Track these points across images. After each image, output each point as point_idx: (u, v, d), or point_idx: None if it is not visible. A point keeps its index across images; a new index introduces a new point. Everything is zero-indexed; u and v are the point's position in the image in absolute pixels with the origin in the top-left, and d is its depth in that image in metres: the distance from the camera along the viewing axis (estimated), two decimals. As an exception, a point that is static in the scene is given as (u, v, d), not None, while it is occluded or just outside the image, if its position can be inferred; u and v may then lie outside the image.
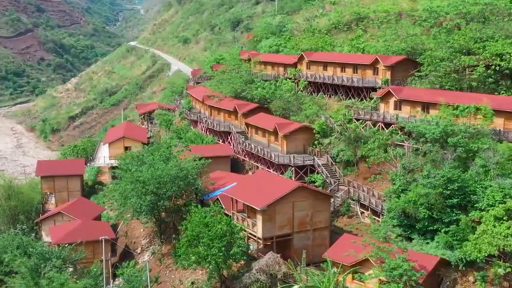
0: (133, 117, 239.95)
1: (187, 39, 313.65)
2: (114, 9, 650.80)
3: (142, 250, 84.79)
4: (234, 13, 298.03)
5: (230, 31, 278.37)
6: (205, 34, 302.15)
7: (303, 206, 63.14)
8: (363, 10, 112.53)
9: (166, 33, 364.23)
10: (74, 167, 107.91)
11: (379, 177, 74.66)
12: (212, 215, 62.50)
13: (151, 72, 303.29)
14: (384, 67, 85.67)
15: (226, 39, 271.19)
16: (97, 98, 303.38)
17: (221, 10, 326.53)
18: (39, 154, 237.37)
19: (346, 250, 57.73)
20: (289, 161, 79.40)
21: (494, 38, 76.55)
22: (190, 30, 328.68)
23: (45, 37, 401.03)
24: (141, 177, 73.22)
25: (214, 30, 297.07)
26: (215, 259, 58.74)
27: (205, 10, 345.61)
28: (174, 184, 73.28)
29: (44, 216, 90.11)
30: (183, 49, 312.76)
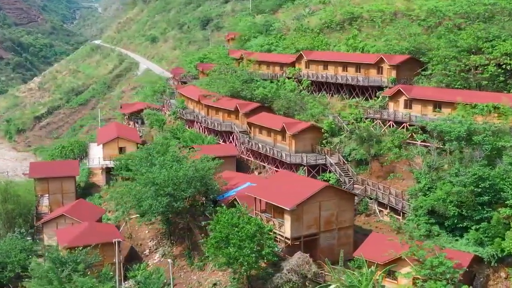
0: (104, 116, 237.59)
1: (155, 37, 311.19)
2: (70, 7, 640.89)
3: (151, 252, 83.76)
4: (203, 12, 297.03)
5: (199, 29, 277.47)
6: (173, 32, 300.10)
7: (329, 206, 63.36)
8: (356, 9, 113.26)
9: (132, 32, 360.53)
10: (68, 168, 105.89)
11: (393, 176, 75.28)
12: (239, 216, 62.24)
13: (119, 71, 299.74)
14: (389, 66, 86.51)
15: (196, 38, 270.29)
16: (63, 97, 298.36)
17: (188, 9, 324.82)
18: (4, 155, 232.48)
19: (376, 249, 58.26)
20: (301, 160, 79.45)
21: (501, 37, 78.02)
22: (157, 29, 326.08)
23: (3, 36, 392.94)
24: (157, 179, 72.33)
25: (183, 28, 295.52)
26: (248, 260, 58.45)
27: (172, 9, 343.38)
28: (190, 185, 72.63)
29: (46, 218, 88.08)
30: (151, 48, 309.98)
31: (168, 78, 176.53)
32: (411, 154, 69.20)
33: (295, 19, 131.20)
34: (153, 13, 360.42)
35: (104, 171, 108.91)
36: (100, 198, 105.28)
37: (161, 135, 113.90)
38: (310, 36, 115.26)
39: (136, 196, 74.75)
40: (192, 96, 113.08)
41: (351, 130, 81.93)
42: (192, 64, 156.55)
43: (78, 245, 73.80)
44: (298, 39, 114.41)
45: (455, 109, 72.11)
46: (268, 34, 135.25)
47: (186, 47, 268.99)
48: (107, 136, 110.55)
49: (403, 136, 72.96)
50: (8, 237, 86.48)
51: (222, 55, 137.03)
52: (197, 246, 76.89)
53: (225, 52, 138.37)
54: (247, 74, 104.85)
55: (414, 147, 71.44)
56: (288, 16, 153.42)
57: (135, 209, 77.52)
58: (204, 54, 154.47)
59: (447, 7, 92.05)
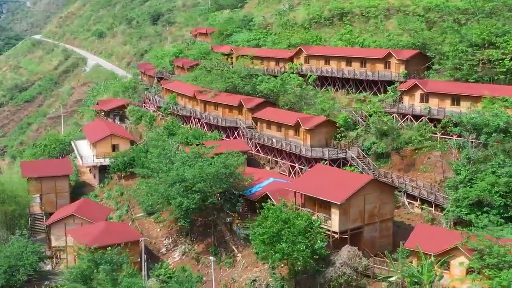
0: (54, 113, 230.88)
1: (102, 32, 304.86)
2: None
3: (168, 250, 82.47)
4: (152, 6, 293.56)
5: (150, 25, 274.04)
6: (122, 27, 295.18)
7: (372, 199, 64.10)
8: (346, 5, 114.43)
9: (75, 27, 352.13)
10: (61, 167, 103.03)
11: (424, 169, 76.14)
12: (286, 212, 62.26)
13: (65, 67, 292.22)
14: (398, 61, 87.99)
15: (147, 33, 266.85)
16: (6, 94, 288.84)
17: (135, 3, 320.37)
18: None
19: (425, 240, 59.27)
20: (322, 154, 79.93)
21: (511, 32, 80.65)
22: (103, 24, 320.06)
23: None
24: (187, 176, 71.44)
25: (132, 23, 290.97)
26: (303, 255, 58.52)
27: (117, 3, 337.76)
28: (221, 182, 72.11)
29: (54, 219, 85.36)
30: (98, 43, 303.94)
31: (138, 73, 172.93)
32: (445, 147, 70.68)
33: (278, 14, 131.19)
34: (97, 7, 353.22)
35: (97, 170, 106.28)
36: (96, 197, 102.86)
37: (151, 132, 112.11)
38: (300, 31, 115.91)
39: (163, 194, 73.36)
40: (185, 92, 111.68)
41: (367, 124, 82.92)
42: (163, 59, 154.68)
43: (101, 244, 72.10)
44: (291, 34, 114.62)
45: (477, 103, 74.03)
46: (249, 29, 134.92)
47: (137, 43, 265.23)
48: (99, 134, 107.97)
49: (432, 129, 74.36)
50: (15, 239, 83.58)
51: (203, 50, 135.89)
52: (223, 242, 76.39)
53: (206, 47, 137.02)
54: (246, 70, 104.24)
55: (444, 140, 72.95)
56: (261, 11, 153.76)
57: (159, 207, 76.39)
58: (180, 49, 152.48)
59: (449, 3, 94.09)
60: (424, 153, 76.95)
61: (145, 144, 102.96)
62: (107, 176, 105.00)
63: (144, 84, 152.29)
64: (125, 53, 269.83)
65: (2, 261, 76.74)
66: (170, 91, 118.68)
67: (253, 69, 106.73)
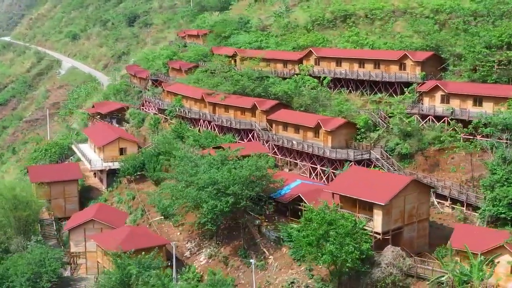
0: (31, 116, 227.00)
1: (76, 34, 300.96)
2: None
3: (192, 254, 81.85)
4: (127, 8, 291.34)
5: (126, 26, 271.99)
6: (96, 29, 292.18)
7: (411, 199, 64.78)
8: (349, 7, 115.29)
9: (47, 28, 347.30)
10: (70, 171, 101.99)
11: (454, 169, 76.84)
12: (329, 213, 62.58)
13: (39, 69, 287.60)
14: (413, 62, 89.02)
15: (123, 34, 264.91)
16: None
17: (109, 5, 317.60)
18: None
19: (466, 239, 60.13)
20: (347, 155, 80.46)
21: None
22: (76, 25, 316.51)
23: None
24: (220, 179, 71.21)
25: (107, 25, 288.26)
26: (352, 256, 58.90)
27: (90, 5, 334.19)
28: (254, 184, 72.10)
29: (72, 224, 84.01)
30: (72, 45, 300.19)
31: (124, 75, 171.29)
32: (470, 147, 71.93)
33: (277, 16, 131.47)
34: (69, 9, 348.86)
35: (105, 174, 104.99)
36: (105, 201, 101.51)
37: (157, 135, 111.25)
38: (303, 32, 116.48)
39: (195, 198, 72.88)
40: (192, 94, 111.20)
41: (388, 125, 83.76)
42: (155, 61, 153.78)
43: (130, 249, 71.42)
44: (297, 36, 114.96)
45: (500, 103, 75.47)
46: (246, 31, 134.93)
47: (113, 45, 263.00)
48: (106, 137, 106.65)
49: (464, 130, 75.43)
50: (34, 246, 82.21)
51: (200, 52, 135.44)
52: (252, 245, 76.19)
53: (203, 49, 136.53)
54: (257, 72, 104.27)
55: (475, 140, 74.09)
56: (254, 13, 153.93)
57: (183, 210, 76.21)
58: (173, 51, 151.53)
59: (460, 5, 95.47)
60: (452, 153, 77.91)
61: (155, 147, 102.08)
62: (116, 180, 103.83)
63: (137, 87, 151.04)
64: (101, 55, 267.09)
65: (25, 268, 75.43)
66: (173, 94, 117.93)
67: (261, 71, 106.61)
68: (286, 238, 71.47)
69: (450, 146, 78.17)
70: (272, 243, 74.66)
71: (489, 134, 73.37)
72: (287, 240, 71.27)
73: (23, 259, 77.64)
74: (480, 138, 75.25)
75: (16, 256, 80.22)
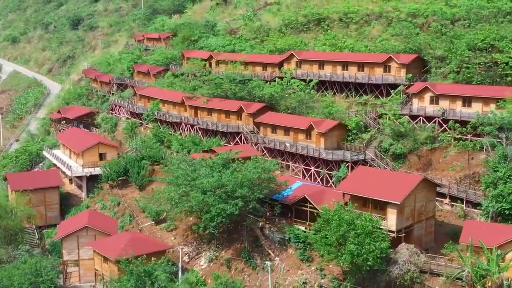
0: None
1: (16, 38, 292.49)
2: None
3: (190, 258, 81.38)
4: (71, 11, 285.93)
5: (69, 29, 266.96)
6: (38, 32, 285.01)
7: (421, 197, 66.63)
8: (322, 10, 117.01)
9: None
10: (51, 178, 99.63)
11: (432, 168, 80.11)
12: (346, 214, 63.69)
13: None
14: (399, 65, 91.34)
15: (68, 38, 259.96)
16: None
17: (50, 8, 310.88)
18: None
19: (478, 235, 62.38)
20: (343, 156, 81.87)
21: (507, 37, 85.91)
22: (15, 28, 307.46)
23: None
24: (227, 182, 71.32)
25: (49, 28, 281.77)
26: (373, 255, 60.19)
27: (28, 7, 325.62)
28: (261, 187, 72.58)
29: (66, 232, 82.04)
30: (12, 49, 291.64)
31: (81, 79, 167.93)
32: (476, 145, 74.58)
33: (246, 19, 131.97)
34: (5, 11, 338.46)
35: (85, 180, 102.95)
36: (87, 208, 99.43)
37: (135, 140, 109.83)
38: (276, 36, 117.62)
39: (201, 202, 72.61)
40: (170, 98, 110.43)
41: (379, 126, 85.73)
42: (115, 65, 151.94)
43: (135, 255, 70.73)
44: (276, 39, 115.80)
45: (487, 104, 78.53)
46: (214, 34, 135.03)
47: (57, 48, 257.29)
48: (85, 143, 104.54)
49: (463, 130, 77.86)
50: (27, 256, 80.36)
51: (169, 55, 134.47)
52: (255, 247, 76.36)
53: (171, 52, 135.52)
54: (240, 75, 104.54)
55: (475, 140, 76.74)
56: (217, 16, 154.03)
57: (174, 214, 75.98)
58: (138, 55, 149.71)
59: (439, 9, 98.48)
60: (439, 153, 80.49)
61: (138, 152, 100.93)
62: (97, 186, 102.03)
63: (99, 91, 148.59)
64: (44, 59, 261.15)
65: (22, 278, 73.61)
66: (147, 97, 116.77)
67: (244, 74, 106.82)
68: (294, 239, 72.04)
69: (442, 146, 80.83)
70: (277, 244, 75.12)
71: (482, 134, 76.09)
72: (295, 241, 71.87)
73: (19, 270, 75.55)
74: (471, 137, 78.04)
75: (10, 266, 77.92)
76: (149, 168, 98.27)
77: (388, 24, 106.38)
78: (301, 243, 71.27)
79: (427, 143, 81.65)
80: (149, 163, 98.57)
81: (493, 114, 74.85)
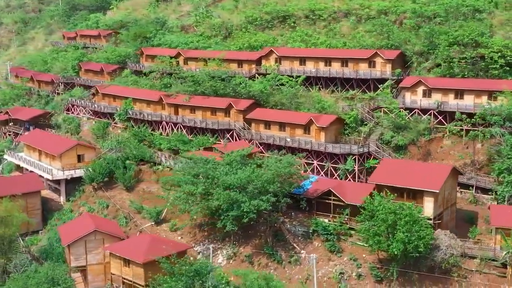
0: None
1: None
2: None
3: (204, 256, 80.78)
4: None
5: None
6: None
7: (448, 185, 70.54)
8: (287, 8, 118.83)
9: None
10: (31, 182, 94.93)
11: (432, 157, 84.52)
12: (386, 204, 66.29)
13: None
14: (384, 60, 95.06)
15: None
16: None
17: None
18: None
19: (506, 217, 66.95)
20: (350, 150, 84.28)
21: (485, 33, 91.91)
22: None
23: None
24: (256, 179, 71.90)
25: None
26: (424, 242, 63.19)
27: None
28: (288, 182, 73.75)
29: (73, 238, 78.79)
30: None
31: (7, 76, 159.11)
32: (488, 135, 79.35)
33: (199, 16, 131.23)
34: None
35: (63, 183, 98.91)
36: (71, 212, 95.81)
37: (108, 140, 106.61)
38: (239, 33, 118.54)
39: (231, 199, 72.54)
40: (146, 96, 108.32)
41: (375, 119, 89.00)
42: (56, 64, 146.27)
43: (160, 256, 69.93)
44: (241, 36, 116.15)
45: (479, 96, 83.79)
46: (168, 31, 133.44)
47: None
48: (62, 145, 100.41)
49: (471, 121, 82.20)
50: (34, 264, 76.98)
51: (122, 53, 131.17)
52: (276, 242, 77.08)
53: (124, 50, 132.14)
54: (224, 72, 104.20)
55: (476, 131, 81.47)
56: (160, 13, 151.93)
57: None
58: (82, 53, 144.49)
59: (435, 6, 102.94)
60: (437, 143, 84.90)
61: (121, 152, 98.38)
62: (78, 189, 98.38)
63: (41, 91, 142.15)
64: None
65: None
66: (113, 96, 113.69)
67: (225, 71, 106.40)
68: (322, 231, 73.57)
69: (438, 136, 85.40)
70: (300, 238, 76.34)
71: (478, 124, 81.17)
72: (324, 233, 73.42)
73: (34, 279, 72.23)
74: (467, 128, 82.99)
75: (22, 276, 74.25)
76: (136, 169, 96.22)
77: (358, 21, 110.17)
78: (330, 235, 72.88)
79: (425, 134, 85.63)
80: (135, 163, 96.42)
81: (495, 105, 79.90)
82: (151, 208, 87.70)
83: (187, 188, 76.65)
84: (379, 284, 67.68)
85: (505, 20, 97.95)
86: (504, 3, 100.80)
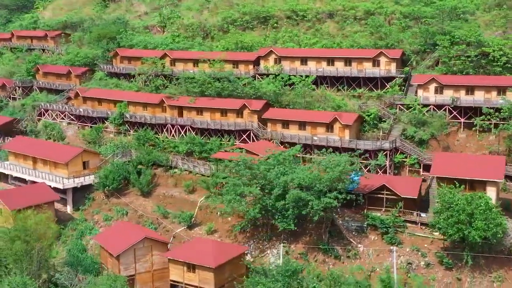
0: None
1: None
2: None
3: (253, 257, 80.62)
4: None
5: None
6: None
7: (501, 175, 75.91)
8: (267, 8, 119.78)
9: None
10: (44, 193, 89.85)
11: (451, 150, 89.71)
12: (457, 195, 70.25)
13: None
14: (388, 59, 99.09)
15: None
16: None
17: None
18: None
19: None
20: (381, 146, 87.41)
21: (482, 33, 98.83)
22: None
23: None
24: (322, 178, 73.53)
25: None
26: (501, 228, 67.79)
27: None
28: (348, 179, 76.01)
29: (123, 247, 75.82)
30: None
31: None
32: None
33: (175, 17, 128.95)
34: None
35: (71, 192, 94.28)
36: (84, 221, 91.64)
37: (107, 145, 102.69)
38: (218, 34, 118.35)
39: (297, 197, 73.43)
40: (142, 99, 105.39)
41: (394, 116, 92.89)
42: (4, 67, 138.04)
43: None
44: (227, 37, 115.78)
45: (488, 92, 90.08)
46: (137, 32, 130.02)
47: None
48: (67, 152, 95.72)
49: (498, 115, 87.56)
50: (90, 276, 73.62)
51: (89, 55, 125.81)
52: (330, 237, 78.61)
53: (91, 52, 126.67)
54: (228, 73, 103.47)
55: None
56: (112, 13, 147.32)
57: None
58: (38, 56, 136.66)
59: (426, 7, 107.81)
60: (452, 138, 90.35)
61: (136, 157, 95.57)
62: (87, 197, 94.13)
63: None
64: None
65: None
66: (98, 100, 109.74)
67: (230, 72, 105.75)
68: (380, 224, 76.12)
69: (453, 130, 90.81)
70: (354, 232, 78.43)
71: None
72: (382, 227, 76.01)
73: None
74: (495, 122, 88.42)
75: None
76: (151, 173, 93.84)
77: (344, 22, 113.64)
78: (389, 228, 75.60)
79: (443, 128, 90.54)
80: (150, 167, 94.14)
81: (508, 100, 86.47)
82: (184, 212, 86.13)
83: (246, 190, 76.31)
84: (449, 271, 71.15)
85: (489, 20, 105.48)
86: (484, 4, 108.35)
